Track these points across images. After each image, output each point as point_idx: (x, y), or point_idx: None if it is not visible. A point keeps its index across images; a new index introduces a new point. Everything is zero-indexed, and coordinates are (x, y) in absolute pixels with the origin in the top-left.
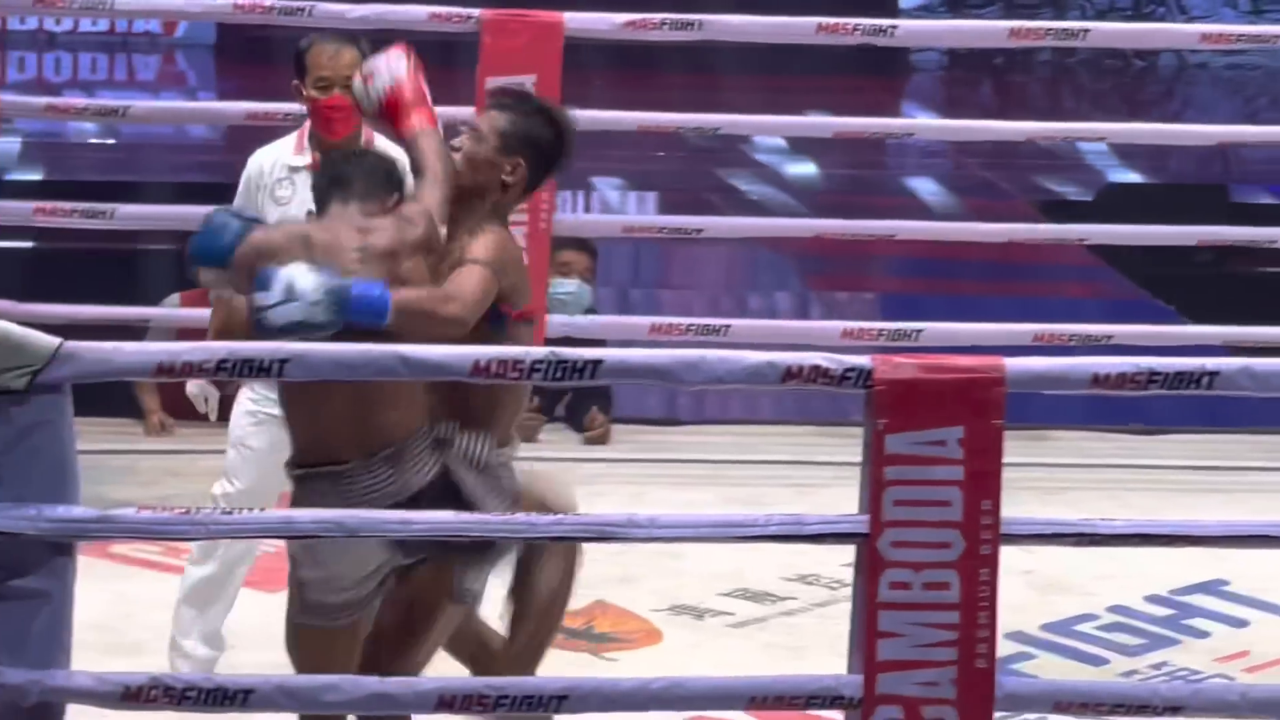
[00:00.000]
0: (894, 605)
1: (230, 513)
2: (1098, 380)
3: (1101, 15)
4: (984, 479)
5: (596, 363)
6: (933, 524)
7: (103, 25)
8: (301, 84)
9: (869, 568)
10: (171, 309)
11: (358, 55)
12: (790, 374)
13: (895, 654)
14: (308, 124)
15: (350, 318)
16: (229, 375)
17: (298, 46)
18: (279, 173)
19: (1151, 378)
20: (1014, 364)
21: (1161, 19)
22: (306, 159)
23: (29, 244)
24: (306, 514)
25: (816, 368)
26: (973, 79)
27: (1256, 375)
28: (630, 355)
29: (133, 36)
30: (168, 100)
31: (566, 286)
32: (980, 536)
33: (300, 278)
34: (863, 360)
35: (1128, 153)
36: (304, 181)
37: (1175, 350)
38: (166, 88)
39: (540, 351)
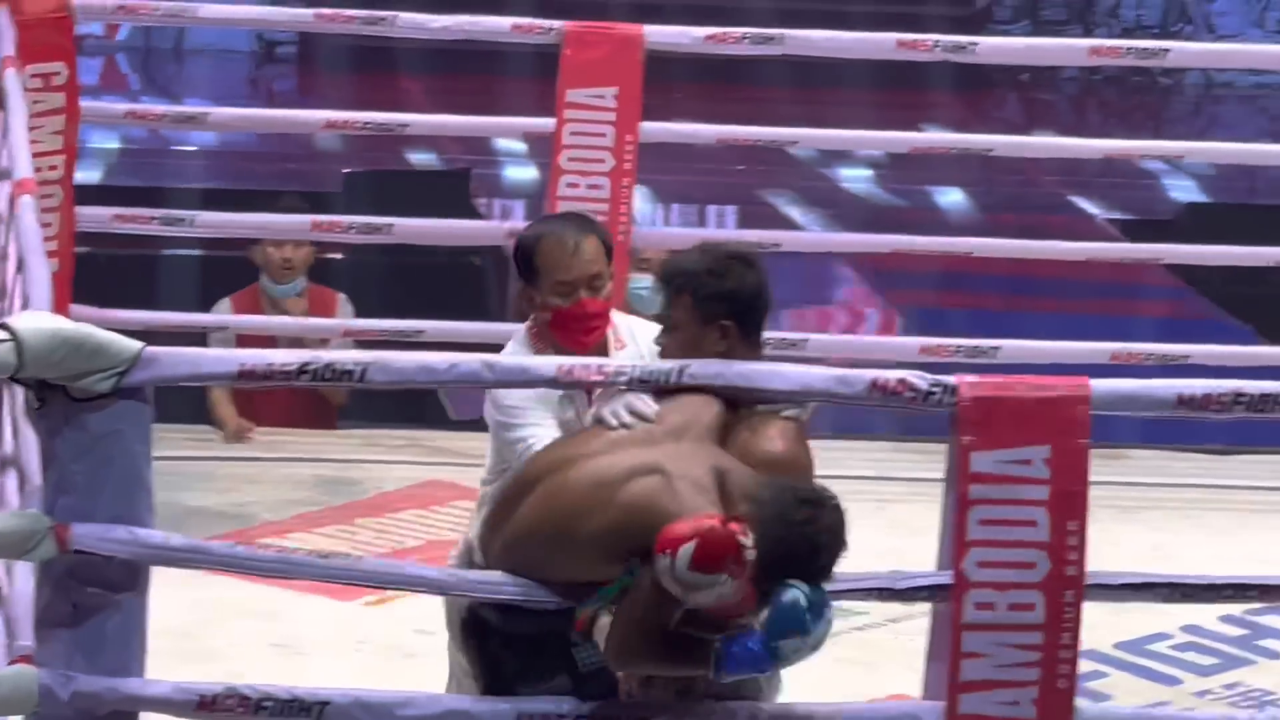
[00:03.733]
0: (978, 626)
1: (327, 557)
2: (1183, 401)
3: (1128, 33)
4: (1070, 499)
5: (681, 370)
6: (1018, 544)
7: None
8: (533, 290)
9: (954, 589)
10: (222, 314)
11: (599, 244)
12: (876, 387)
13: (978, 674)
14: (530, 328)
15: None
16: (311, 381)
17: (519, 243)
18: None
19: (1237, 399)
20: (1099, 384)
21: (1189, 38)
22: None
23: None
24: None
25: (903, 381)
26: (998, 96)
27: None
28: (717, 365)
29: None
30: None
31: (644, 282)
32: (1066, 558)
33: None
34: (948, 377)
35: (1199, 172)
36: (582, 400)
37: (1253, 371)
38: (108, 91)
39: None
